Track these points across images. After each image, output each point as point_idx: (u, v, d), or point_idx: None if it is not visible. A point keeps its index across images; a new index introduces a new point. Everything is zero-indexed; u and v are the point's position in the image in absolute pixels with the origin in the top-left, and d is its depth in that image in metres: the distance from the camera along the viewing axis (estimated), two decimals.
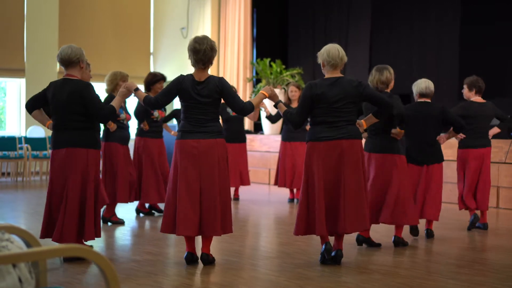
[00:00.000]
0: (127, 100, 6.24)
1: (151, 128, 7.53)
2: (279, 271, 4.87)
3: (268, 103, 10.26)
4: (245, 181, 9.28)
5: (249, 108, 5.00)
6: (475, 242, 6.27)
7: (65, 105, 4.98)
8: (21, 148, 12.42)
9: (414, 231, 6.31)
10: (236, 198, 9.44)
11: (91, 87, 5.05)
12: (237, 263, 5.11)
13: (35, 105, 5.23)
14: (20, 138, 12.65)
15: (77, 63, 5.07)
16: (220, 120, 9.04)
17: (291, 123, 5.19)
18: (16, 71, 13.68)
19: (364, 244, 5.84)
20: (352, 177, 4.95)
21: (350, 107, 5.02)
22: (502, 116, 7.04)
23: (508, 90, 11.83)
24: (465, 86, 6.99)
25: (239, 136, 9.28)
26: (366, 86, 5.10)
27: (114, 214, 7.18)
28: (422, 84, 6.36)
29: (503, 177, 8.99)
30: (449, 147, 8.84)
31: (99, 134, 5.26)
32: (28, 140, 12.59)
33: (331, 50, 5.04)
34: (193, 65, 4.99)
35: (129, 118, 7.17)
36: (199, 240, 5.33)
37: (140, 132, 7.56)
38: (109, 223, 7.08)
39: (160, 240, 6.10)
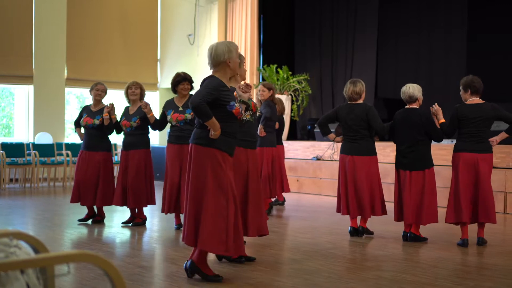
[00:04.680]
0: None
1: (172, 132, 7.18)
2: (286, 276, 4.88)
3: None
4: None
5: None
6: (482, 247, 6.24)
7: None
8: (29, 155, 12.49)
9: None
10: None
11: None
12: (244, 270, 5.12)
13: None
14: (28, 145, 12.71)
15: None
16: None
17: None
18: (24, 78, 13.76)
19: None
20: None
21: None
22: (509, 118, 6.30)
23: None
24: (461, 87, 6.49)
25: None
26: (204, 81, 4.40)
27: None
28: (405, 90, 6.59)
29: (510, 183, 8.95)
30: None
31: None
32: (36, 146, 12.66)
33: (211, 48, 4.52)
34: None
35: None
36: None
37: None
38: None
39: (168, 246, 6.11)
